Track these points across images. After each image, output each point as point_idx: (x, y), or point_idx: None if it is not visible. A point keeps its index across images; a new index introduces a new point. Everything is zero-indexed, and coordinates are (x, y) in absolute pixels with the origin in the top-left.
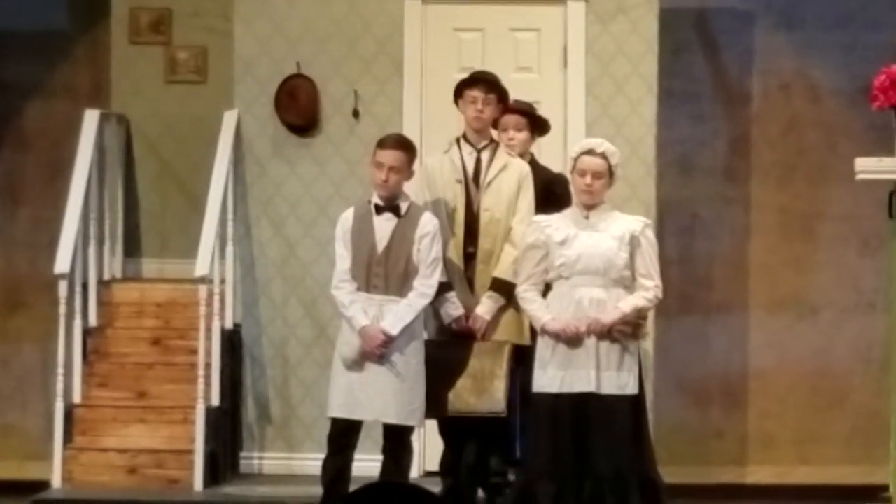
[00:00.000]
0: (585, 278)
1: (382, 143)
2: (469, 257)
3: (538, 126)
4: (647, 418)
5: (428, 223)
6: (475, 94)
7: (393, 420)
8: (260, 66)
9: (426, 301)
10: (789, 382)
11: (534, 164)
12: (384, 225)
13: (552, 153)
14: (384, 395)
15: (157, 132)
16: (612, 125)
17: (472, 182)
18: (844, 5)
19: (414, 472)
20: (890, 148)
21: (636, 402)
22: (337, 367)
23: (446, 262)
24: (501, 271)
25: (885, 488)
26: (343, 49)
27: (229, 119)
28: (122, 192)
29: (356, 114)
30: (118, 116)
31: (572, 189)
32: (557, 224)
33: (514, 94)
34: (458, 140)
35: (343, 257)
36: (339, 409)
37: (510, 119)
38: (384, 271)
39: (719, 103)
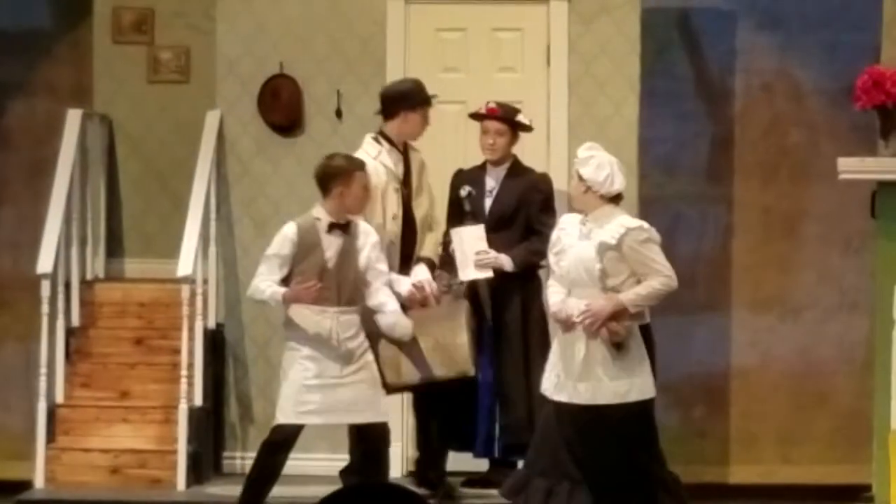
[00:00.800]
0: (578, 290)
1: (361, 165)
2: (406, 259)
3: (519, 129)
4: (654, 419)
5: (369, 231)
6: (429, 108)
7: (375, 419)
8: (243, 66)
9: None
10: (772, 382)
11: (517, 165)
12: (333, 241)
13: (536, 152)
14: (360, 395)
15: (140, 132)
16: (594, 125)
17: (404, 186)
18: (826, 5)
19: (396, 473)
20: (872, 148)
21: (644, 406)
22: (301, 368)
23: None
24: (426, 251)
25: (868, 488)
26: (326, 49)
27: (212, 119)
28: (105, 191)
29: (339, 114)
30: (101, 116)
31: None
32: (567, 229)
33: (497, 94)
34: (377, 141)
35: (273, 273)
36: (314, 415)
37: (491, 124)
38: (336, 285)
39: (702, 103)
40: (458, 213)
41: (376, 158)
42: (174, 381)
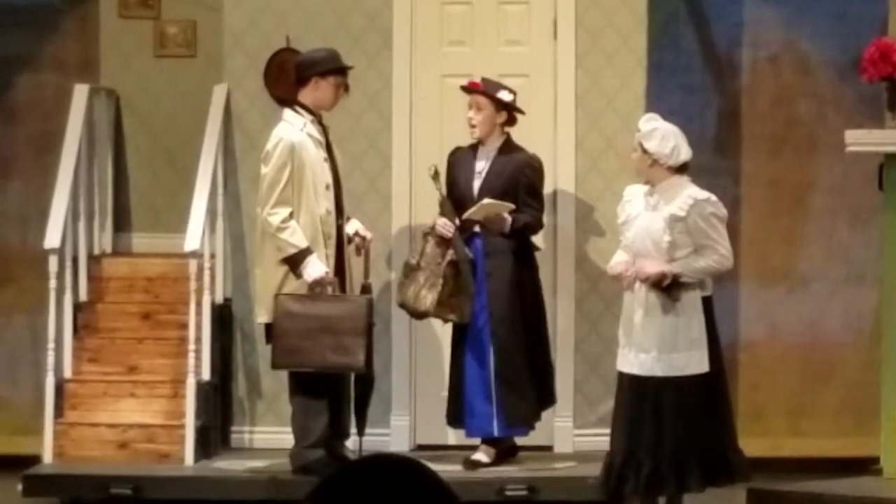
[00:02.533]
0: (641, 260)
1: None
2: (340, 230)
3: (505, 107)
4: (721, 393)
5: None
6: (343, 80)
7: None
8: (249, 41)
9: None
10: (780, 354)
11: (508, 144)
12: None
13: (543, 126)
14: None
15: (147, 106)
16: (602, 98)
17: (329, 155)
18: None
19: (405, 446)
20: (880, 120)
21: (705, 378)
22: None
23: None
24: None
25: (876, 460)
26: (332, 23)
27: (219, 93)
28: (112, 166)
29: (346, 88)
30: (107, 91)
31: None
32: (632, 200)
33: (503, 68)
34: (298, 112)
35: None
36: None
37: (471, 99)
38: None
39: (709, 75)
40: (450, 193)
41: (302, 130)
42: (182, 356)
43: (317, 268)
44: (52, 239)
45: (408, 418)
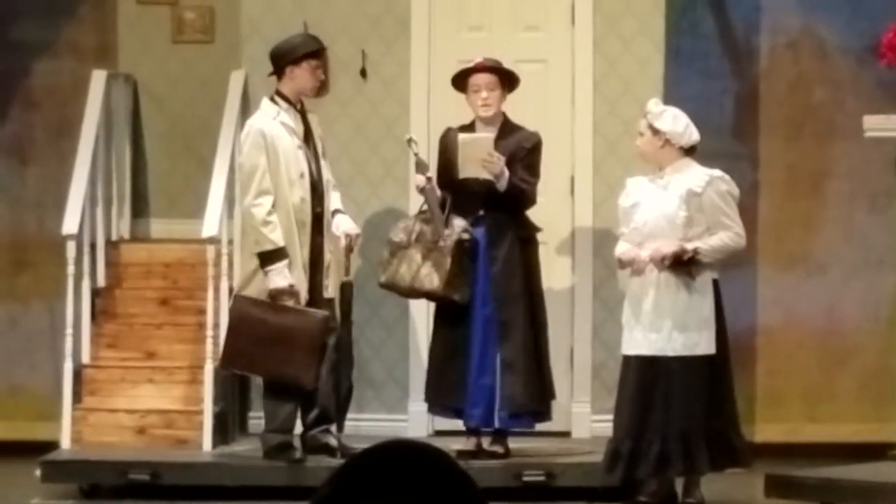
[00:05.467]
0: (652, 243)
1: None
2: (318, 218)
3: (509, 82)
4: (727, 376)
5: None
6: (319, 62)
7: None
8: (267, 26)
9: None
10: (797, 340)
11: (508, 123)
12: None
13: (560, 111)
14: None
15: (165, 92)
16: (620, 84)
17: (306, 144)
18: None
19: (423, 432)
20: None
21: (712, 360)
22: None
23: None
24: (336, 204)
25: (894, 446)
26: (349, 8)
27: (237, 79)
28: (130, 152)
29: (364, 73)
30: (125, 76)
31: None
32: (633, 190)
33: (521, 53)
34: (274, 101)
35: None
36: None
37: (481, 78)
38: None
39: (727, 61)
40: (447, 172)
41: (275, 119)
42: (200, 342)
43: (280, 278)
44: (70, 225)
45: (425, 404)
